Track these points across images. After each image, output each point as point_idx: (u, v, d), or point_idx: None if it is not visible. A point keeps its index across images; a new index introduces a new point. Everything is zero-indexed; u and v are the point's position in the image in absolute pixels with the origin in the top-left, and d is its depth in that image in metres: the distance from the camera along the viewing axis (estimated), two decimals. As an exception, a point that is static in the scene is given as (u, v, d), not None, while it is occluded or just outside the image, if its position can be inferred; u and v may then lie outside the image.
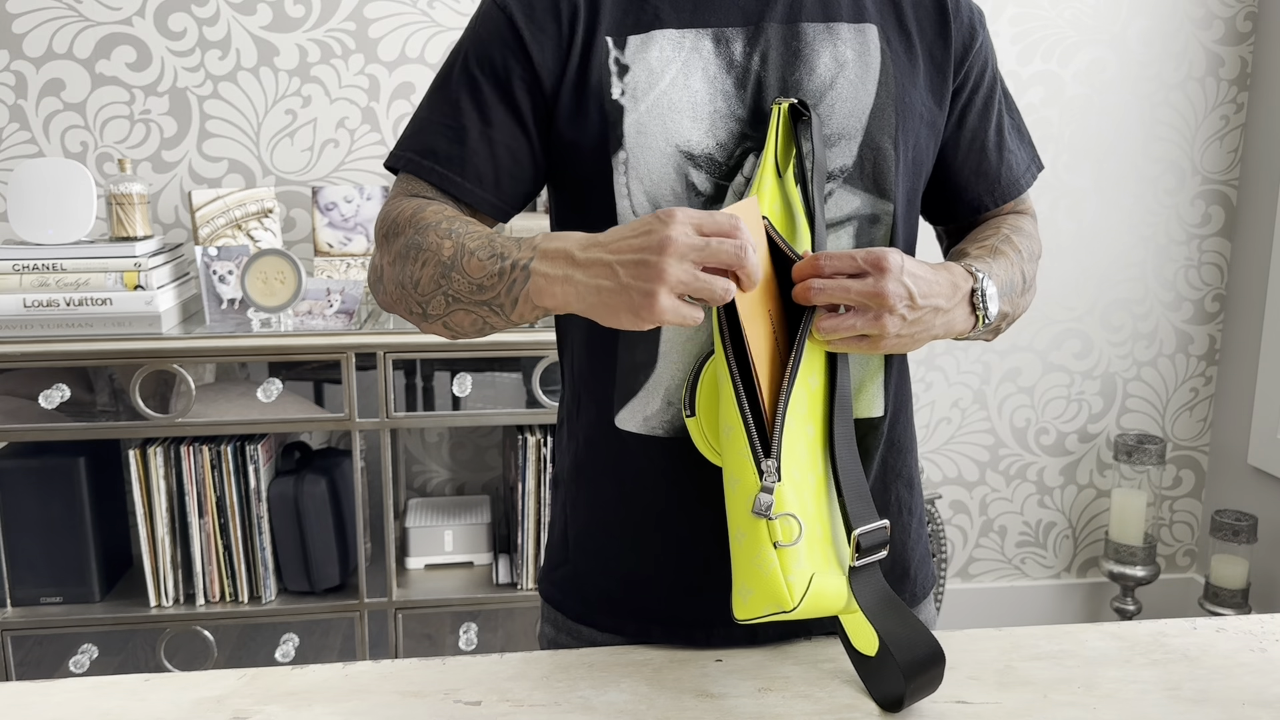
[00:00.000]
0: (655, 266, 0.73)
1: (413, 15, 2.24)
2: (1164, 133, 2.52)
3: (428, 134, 0.94)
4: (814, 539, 0.81)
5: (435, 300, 0.87)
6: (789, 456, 0.80)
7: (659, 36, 0.90)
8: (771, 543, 0.77)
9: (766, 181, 0.85)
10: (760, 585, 0.78)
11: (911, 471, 1.02)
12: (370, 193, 2.13)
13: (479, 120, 0.92)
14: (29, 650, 1.98)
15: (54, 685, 0.87)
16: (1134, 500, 2.48)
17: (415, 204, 0.92)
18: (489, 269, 0.83)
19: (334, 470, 2.06)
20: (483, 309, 0.85)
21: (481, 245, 0.85)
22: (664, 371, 0.92)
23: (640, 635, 0.96)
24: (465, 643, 2.05)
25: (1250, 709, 0.84)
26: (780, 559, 0.77)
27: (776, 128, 0.86)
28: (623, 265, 0.75)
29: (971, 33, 0.98)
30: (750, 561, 0.79)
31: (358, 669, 0.90)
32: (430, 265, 0.87)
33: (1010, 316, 0.98)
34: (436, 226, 0.88)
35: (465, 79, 0.93)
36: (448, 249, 0.86)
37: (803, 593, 0.78)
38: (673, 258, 0.73)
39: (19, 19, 2.15)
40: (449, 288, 0.86)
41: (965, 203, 1.04)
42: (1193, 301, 2.61)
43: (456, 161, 0.92)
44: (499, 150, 0.92)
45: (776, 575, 0.77)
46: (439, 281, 0.86)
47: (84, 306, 1.88)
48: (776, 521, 0.77)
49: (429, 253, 0.87)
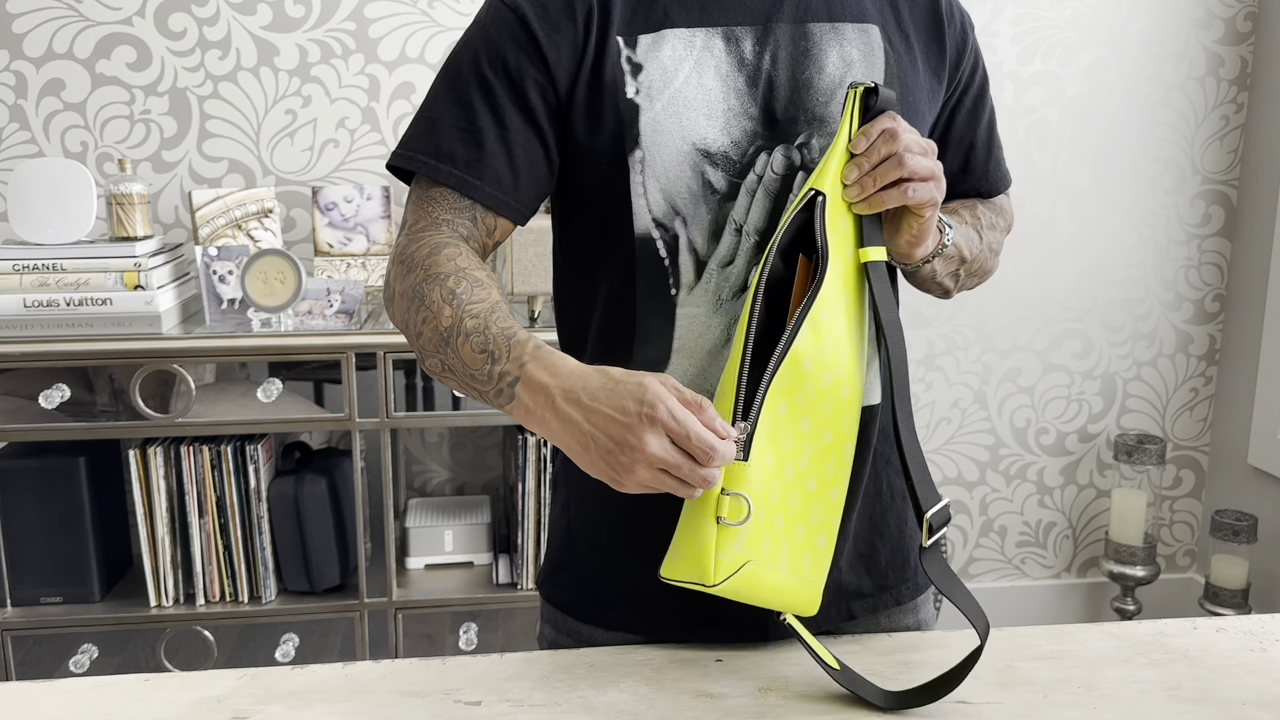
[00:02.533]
0: (625, 466, 0.75)
1: (413, 15, 2.24)
2: (1164, 133, 2.52)
3: (441, 136, 0.92)
4: (770, 530, 0.81)
5: (432, 361, 0.87)
6: (779, 448, 0.81)
7: (670, 35, 0.90)
8: (715, 515, 0.78)
9: (833, 163, 0.85)
10: (691, 551, 0.79)
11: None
12: (370, 193, 2.13)
13: (494, 122, 0.91)
14: (29, 650, 1.98)
15: (54, 685, 0.87)
16: (1134, 500, 2.48)
17: (433, 244, 0.90)
18: (480, 365, 0.83)
19: (334, 470, 2.06)
20: (475, 394, 0.85)
21: (476, 330, 0.83)
22: (677, 368, 0.92)
23: (652, 633, 0.96)
24: (465, 643, 2.05)
25: (1250, 709, 0.84)
26: (718, 534, 0.78)
27: (853, 110, 0.86)
28: (595, 442, 0.76)
29: (964, 36, 1.01)
30: (691, 524, 0.80)
31: (358, 669, 0.90)
32: (429, 326, 0.86)
33: (969, 264, 0.99)
34: (443, 283, 0.86)
35: (477, 80, 0.92)
36: (446, 318, 0.85)
37: (729, 573, 0.78)
38: (642, 465, 0.75)
39: (19, 19, 2.15)
40: (445, 359, 0.86)
41: (953, 199, 1.08)
42: (1193, 301, 2.61)
43: (474, 165, 0.91)
44: (516, 152, 0.92)
45: (709, 548, 0.78)
46: (438, 347, 0.86)
47: (84, 306, 1.88)
48: (727, 498, 0.78)
49: (430, 311, 0.86)
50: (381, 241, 2.14)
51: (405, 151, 0.94)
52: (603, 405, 0.76)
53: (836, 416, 0.84)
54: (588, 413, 0.76)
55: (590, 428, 0.76)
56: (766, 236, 0.91)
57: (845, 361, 0.84)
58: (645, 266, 0.92)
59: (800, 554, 0.85)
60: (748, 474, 0.78)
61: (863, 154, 0.84)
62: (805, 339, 0.81)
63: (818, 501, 0.85)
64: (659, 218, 0.91)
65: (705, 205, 0.90)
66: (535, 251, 1.99)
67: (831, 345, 0.83)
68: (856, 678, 0.86)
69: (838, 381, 0.84)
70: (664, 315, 0.92)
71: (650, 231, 0.91)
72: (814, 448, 0.84)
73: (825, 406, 0.83)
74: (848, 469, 0.87)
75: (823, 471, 0.85)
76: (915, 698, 0.83)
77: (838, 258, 0.84)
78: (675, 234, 0.91)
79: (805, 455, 0.83)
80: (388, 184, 2.23)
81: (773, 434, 0.80)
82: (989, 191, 1.09)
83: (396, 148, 0.95)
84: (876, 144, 0.84)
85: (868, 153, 0.84)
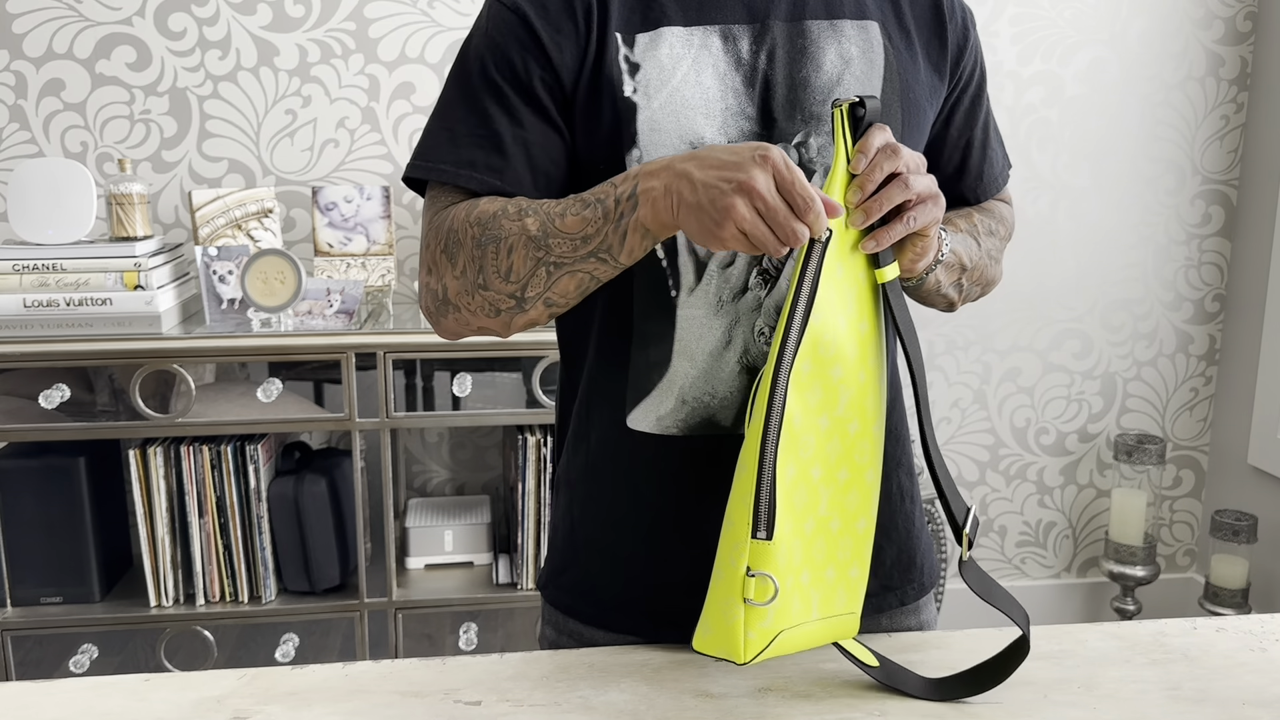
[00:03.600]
0: (727, 206, 0.77)
1: (413, 15, 2.24)
2: (1164, 133, 2.52)
3: (460, 146, 0.92)
4: (799, 590, 0.81)
5: (535, 278, 0.86)
6: (794, 508, 0.80)
7: (667, 34, 0.90)
8: (742, 597, 0.78)
9: (834, 188, 0.81)
10: (720, 630, 0.79)
11: (910, 461, 1.03)
12: (370, 193, 2.13)
13: (510, 124, 0.91)
14: (29, 650, 1.98)
15: (54, 685, 0.87)
16: (1134, 500, 2.48)
17: (463, 207, 0.90)
18: (590, 216, 0.83)
19: (334, 470, 2.06)
20: (589, 262, 0.85)
21: (570, 203, 0.85)
22: (678, 370, 0.92)
23: (655, 636, 0.96)
24: (465, 643, 2.05)
25: (1250, 709, 0.84)
26: (746, 614, 0.78)
27: (843, 129, 0.81)
28: (705, 186, 0.78)
29: (965, 33, 1.00)
30: (719, 602, 0.79)
31: (358, 669, 0.90)
32: (519, 248, 0.86)
33: (969, 272, 0.98)
34: (505, 213, 0.87)
35: (486, 85, 0.92)
36: (532, 224, 0.85)
37: (759, 650, 0.79)
38: (743, 201, 0.76)
39: (19, 19, 2.15)
40: (548, 257, 0.85)
41: (949, 199, 1.06)
42: (1193, 301, 2.61)
43: (495, 169, 0.91)
44: (534, 152, 0.92)
45: (738, 628, 0.78)
46: (535, 256, 0.85)
47: (84, 306, 1.88)
48: (753, 579, 0.77)
49: (513, 237, 0.86)
50: (381, 241, 2.14)
51: (424, 162, 0.93)
52: (719, 153, 0.78)
53: (848, 453, 0.83)
54: (702, 161, 0.78)
55: (702, 173, 0.78)
56: None
57: (850, 394, 0.82)
58: (643, 267, 0.91)
59: (833, 594, 0.85)
60: (773, 552, 0.78)
61: (864, 174, 0.81)
62: (793, 404, 0.79)
63: (845, 538, 0.85)
64: None
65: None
66: (535, 251, 1.99)
67: (827, 390, 0.81)
68: (896, 671, 0.86)
69: (842, 419, 0.82)
70: (664, 317, 0.92)
71: None
72: (830, 491, 0.83)
73: (832, 448, 0.82)
74: (871, 494, 0.87)
75: (844, 508, 0.84)
76: (961, 686, 0.84)
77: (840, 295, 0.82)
78: (674, 234, 0.91)
79: (823, 502, 0.83)
80: (387, 184, 2.23)
81: (786, 499, 0.79)
82: (985, 192, 1.08)
83: (413, 159, 0.94)
84: (877, 160, 0.81)
85: (869, 171, 0.81)
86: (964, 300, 1.01)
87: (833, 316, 0.81)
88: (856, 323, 0.83)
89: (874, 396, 0.85)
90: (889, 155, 0.81)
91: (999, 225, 1.07)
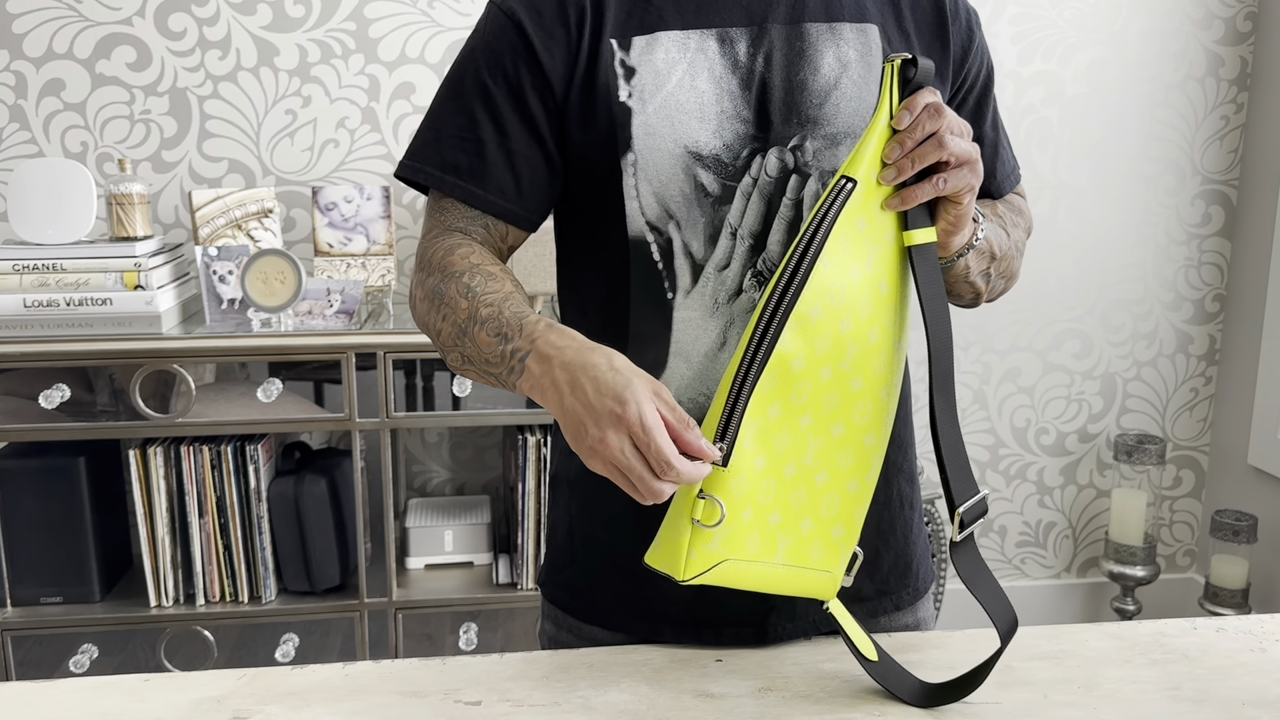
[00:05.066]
0: (586, 452, 0.77)
1: (413, 15, 2.24)
2: (1164, 133, 2.52)
3: (445, 147, 0.93)
4: (762, 527, 0.82)
5: (452, 355, 0.90)
6: (774, 449, 0.81)
7: (664, 38, 0.90)
8: (691, 517, 0.79)
9: (871, 145, 0.82)
10: (666, 545, 0.81)
11: (912, 467, 1.03)
12: (370, 193, 2.13)
13: (495, 131, 0.92)
14: (29, 650, 1.98)
15: (54, 685, 0.87)
16: (1134, 500, 2.48)
17: (448, 244, 0.92)
18: (494, 348, 0.85)
19: (334, 470, 2.06)
20: (491, 379, 0.87)
21: (491, 318, 0.86)
22: (674, 372, 0.92)
23: (651, 635, 0.96)
24: (465, 643, 2.05)
25: (1250, 709, 0.84)
26: (692, 534, 0.80)
27: (891, 84, 0.82)
28: (570, 419, 0.78)
29: (969, 34, 1.00)
30: (671, 520, 0.81)
31: (358, 669, 0.90)
32: (449, 322, 0.88)
33: (998, 262, 0.98)
34: (459, 279, 0.89)
35: (478, 88, 0.93)
36: (463, 311, 0.87)
37: (700, 571, 0.80)
38: (598, 458, 0.77)
39: (19, 19, 2.15)
40: (463, 349, 0.88)
41: None
42: (1193, 301, 2.61)
43: (477, 175, 0.92)
44: (518, 160, 0.92)
45: (682, 545, 0.80)
46: (456, 340, 0.88)
47: (84, 306, 1.88)
48: (702, 501, 0.79)
49: (449, 308, 0.89)
50: (381, 242, 2.14)
51: (412, 163, 0.95)
52: (587, 387, 0.77)
53: (846, 409, 0.84)
54: (574, 389, 0.78)
55: (571, 402, 0.78)
56: (760, 239, 0.91)
57: (858, 350, 0.83)
58: (639, 270, 0.92)
59: (806, 545, 0.85)
60: (727, 480, 0.79)
61: (906, 130, 0.81)
62: (791, 340, 0.80)
63: (831, 494, 0.85)
64: (652, 221, 0.91)
65: (699, 209, 0.90)
66: (535, 251, 1.99)
67: (836, 343, 0.82)
68: (891, 672, 0.85)
69: (845, 373, 0.83)
70: (660, 319, 0.92)
71: (644, 235, 0.91)
72: (821, 442, 0.83)
73: (829, 400, 0.83)
74: (868, 458, 0.86)
75: (835, 464, 0.84)
76: (945, 694, 0.84)
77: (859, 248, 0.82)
78: (669, 237, 0.91)
79: (810, 451, 0.83)
80: (387, 184, 2.23)
81: (765, 436, 0.80)
82: (997, 190, 1.07)
83: (404, 158, 0.96)
84: (920, 118, 0.80)
85: (911, 128, 0.80)
86: (989, 294, 1.00)
87: (846, 267, 0.81)
88: (874, 281, 0.83)
89: (885, 359, 0.85)
90: (932, 115, 0.80)
91: (1020, 218, 1.06)
